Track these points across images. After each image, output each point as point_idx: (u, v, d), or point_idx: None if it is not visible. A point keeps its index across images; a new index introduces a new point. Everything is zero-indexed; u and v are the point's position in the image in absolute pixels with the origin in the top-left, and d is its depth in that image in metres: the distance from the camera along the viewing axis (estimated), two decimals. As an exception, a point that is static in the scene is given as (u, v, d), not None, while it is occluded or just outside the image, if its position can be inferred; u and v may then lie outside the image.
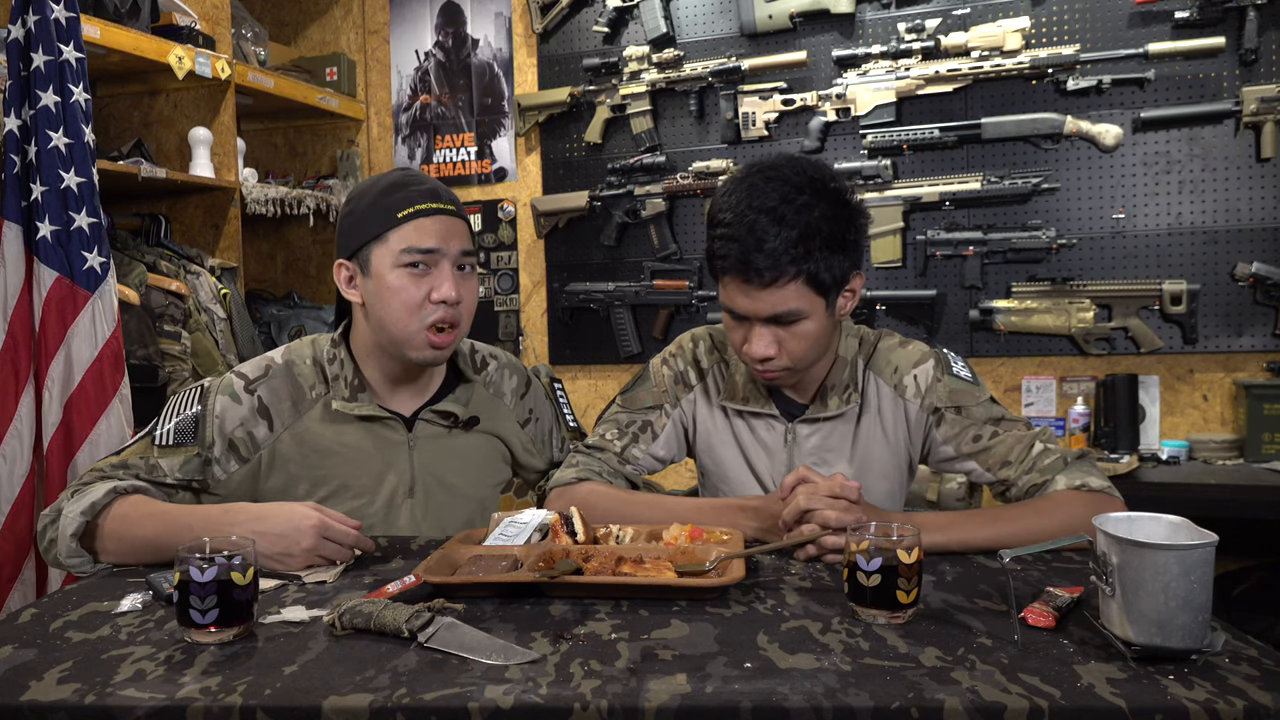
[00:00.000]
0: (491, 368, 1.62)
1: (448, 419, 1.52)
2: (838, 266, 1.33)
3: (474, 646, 0.93)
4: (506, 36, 3.48)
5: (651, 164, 3.22)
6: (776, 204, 1.30)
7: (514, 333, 3.50)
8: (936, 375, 1.47)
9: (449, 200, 1.44)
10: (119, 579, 1.25)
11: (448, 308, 1.40)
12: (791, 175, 1.33)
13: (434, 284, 1.40)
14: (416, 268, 1.39)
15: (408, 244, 1.39)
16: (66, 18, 2.17)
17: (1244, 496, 2.39)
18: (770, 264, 1.29)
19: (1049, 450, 1.37)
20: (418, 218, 1.40)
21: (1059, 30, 2.87)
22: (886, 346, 1.52)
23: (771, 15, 3.09)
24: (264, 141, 3.75)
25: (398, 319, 1.40)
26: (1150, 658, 0.88)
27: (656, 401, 1.55)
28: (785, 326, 1.35)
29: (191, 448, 1.42)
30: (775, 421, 1.51)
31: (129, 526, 1.30)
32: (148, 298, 2.55)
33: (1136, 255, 2.85)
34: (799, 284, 1.31)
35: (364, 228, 1.42)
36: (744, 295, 1.34)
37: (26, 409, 2.14)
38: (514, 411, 1.62)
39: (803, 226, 1.29)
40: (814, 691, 0.82)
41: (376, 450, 1.48)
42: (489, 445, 1.58)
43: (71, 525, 1.29)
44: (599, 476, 1.47)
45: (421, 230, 1.40)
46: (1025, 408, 2.96)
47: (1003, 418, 1.43)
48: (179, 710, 0.84)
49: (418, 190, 1.42)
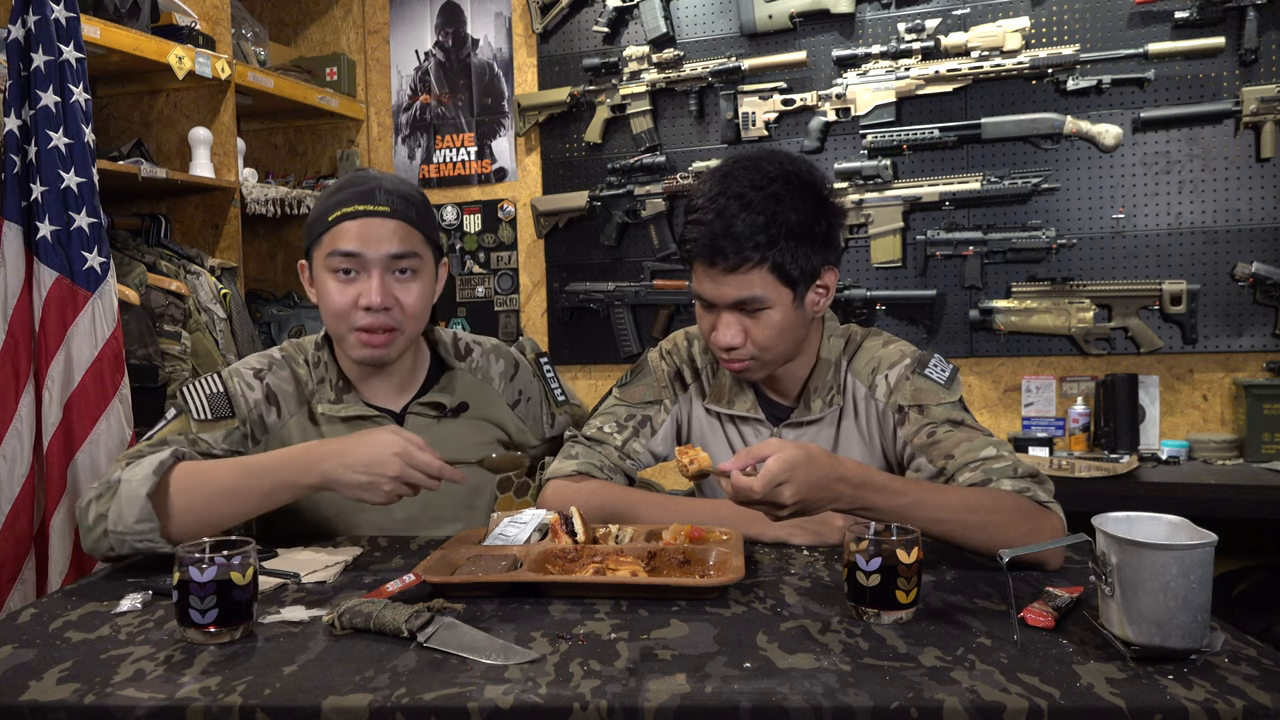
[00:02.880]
0: (476, 353, 1.62)
1: (436, 409, 1.53)
2: (805, 259, 1.33)
3: (474, 646, 0.93)
4: (506, 36, 3.48)
5: (651, 164, 3.22)
6: (746, 190, 1.31)
7: (514, 333, 3.50)
8: (905, 374, 1.42)
9: (386, 200, 1.40)
10: (119, 579, 1.25)
11: (375, 314, 1.38)
12: (767, 166, 1.34)
13: (362, 289, 1.39)
14: (346, 273, 1.39)
15: (333, 247, 1.39)
16: (66, 18, 2.17)
17: (1244, 496, 2.39)
18: (734, 248, 1.30)
19: (1002, 457, 1.29)
20: (344, 220, 1.39)
21: (1059, 30, 2.87)
22: (870, 346, 1.49)
23: (771, 15, 3.09)
24: (264, 141, 3.75)
25: (330, 323, 1.43)
26: (1149, 658, 0.88)
27: (656, 396, 1.54)
28: (750, 315, 1.34)
29: (232, 420, 1.43)
30: (761, 425, 1.50)
31: (203, 477, 1.27)
32: (148, 298, 2.55)
33: (1136, 255, 2.85)
34: (764, 271, 1.31)
35: (309, 230, 1.45)
36: (710, 280, 1.34)
37: (26, 409, 2.14)
38: (503, 395, 1.61)
39: (769, 213, 1.30)
40: (813, 691, 0.82)
41: None
42: (481, 431, 1.57)
43: (144, 485, 1.21)
44: (599, 471, 1.46)
45: (345, 234, 1.39)
46: (1025, 407, 2.96)
47: (963, 423, 1.37)
48: (179, 710, 0.84)
49: (353, 191, 1.41)
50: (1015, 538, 1.16)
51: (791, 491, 1.09)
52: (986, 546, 1.18)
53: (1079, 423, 2.83)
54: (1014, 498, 1.23)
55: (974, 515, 1.19)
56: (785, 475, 1.09)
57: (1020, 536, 1.17)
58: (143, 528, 1.22)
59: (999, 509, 1.20)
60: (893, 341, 1.49)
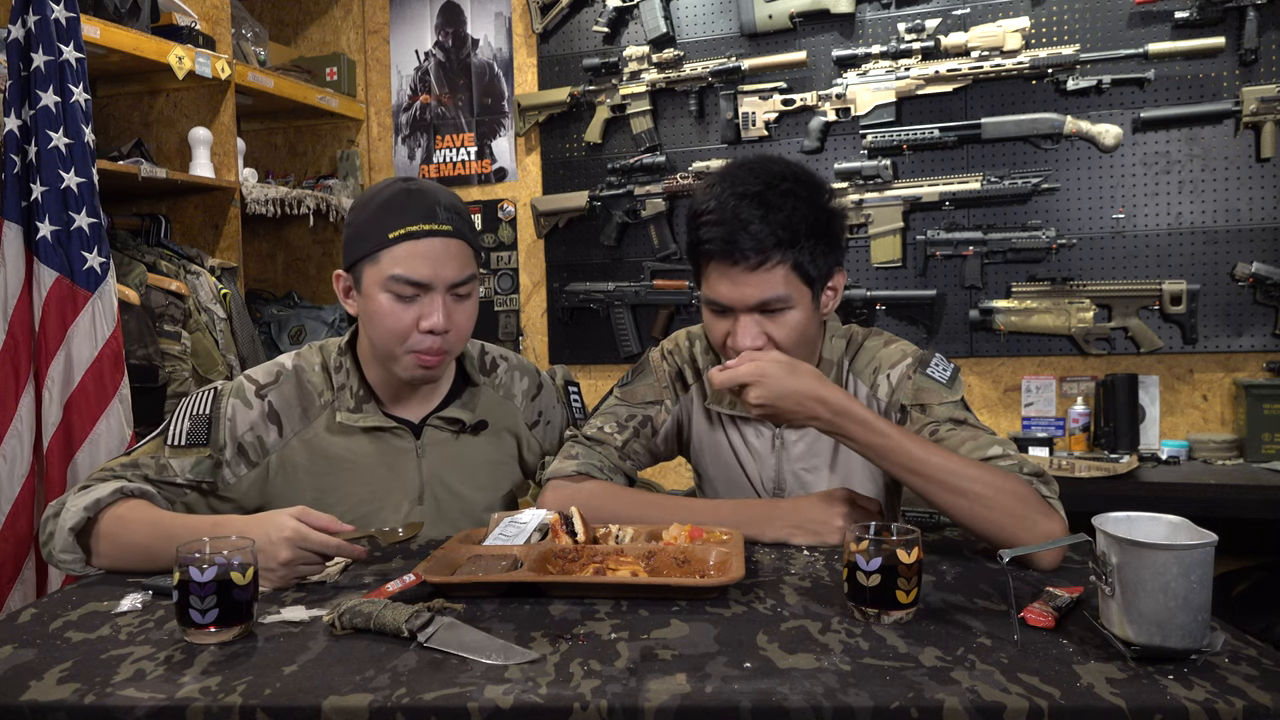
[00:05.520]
0: (501, 369, 1.59)
1: (455, 425, 1.50)
2: (822, 258, 1.33)
3: (474, 646, 0.93)
4: (506, 36, 3.48)
5: (651, 164, 3.22)
6: (761, 189, 1.31)
7: (514, 333, 3.50)
8: (907, 373, 1.42)
9: (447, 218, 1.36)
10: (119, 579, 1.25)
11: (435, 337, 1.36)
12: (772, 166, 1.35)
13: (423, 311, 1.35)
14: (405, 297, 1.35)
15: (396, 270, 1.33)
16: (66, 18, 2.17)
17: (1244, 496, 2.39)
18: (756, 246, 1.29)
19: (1008, 456, 1.27)
20: (409, 240, 1.33)
21: (1059, 30, 2.87)
22: (871, 346, 1.48)
23: (771, 15, 3.09)
24: (264, 141, 3.75)
25: (384, 342, 1.38)
26: (1150, 657, 0.88)
27: (657, 396, 1.53)
28: (771, 316, 1.33)
29: (204, 449, 1.40)
30: (763, 427, 1.50)
31: (125, 529, 1.29)
32: (148, 298, 2.55)
33: (1136, 255, 2.85)
34: (786, 270, 1.31)
35: (358, 243, 1.37)
36: (729, 282, 1.32)
37: (26, 409, 2.14)
38: (523, 413, 1.59)
39: (789, 210, 1.30)
40: (814, 691, 0.82)
41: (384, 459, 1.46)
42: (501, 449, 1.56)
43: (72, 519, 1.28)
44: (599, 471, 1.45)
45: (413, 256, 1.33)
46: (1025, 407, 2.96)
47: (965, 421, 1.36)
48: (179, 710, 0.84)
49: (415, 209, 1.35)
50: (1001, 518, 1.16)
51: (758, 394, 1.22)
52: (966, 517, 1.18)
53: (1079, 423, 2.83)
54: (1014, 479, 1.20)
55: (955, 480, 1.18)
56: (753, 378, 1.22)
57: (1008, 519, 1.16)
58: (67, 558, 1.29)
59: (991, 484, 1.18)
60: (894, 341, 1.49)
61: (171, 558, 1.01)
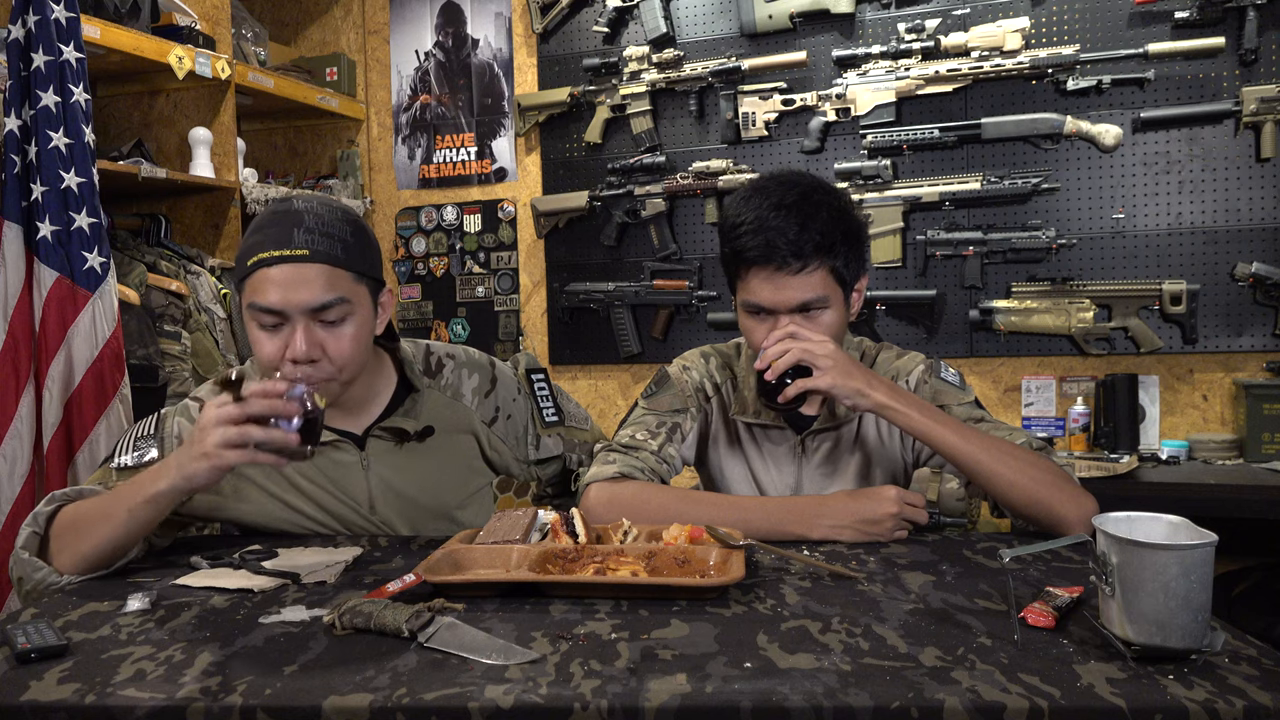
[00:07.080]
0: (448, 369, 1.55)
1: (397, 435, 1.46)
2: (854, 263, 1.43)
3: (474, 646, 0.93)
4: (506, 36, 3.48)
5: (651, 164, 3.22)
6: (796, 200, 1.39)
7: (514, 333, 3.50)
8: (924, 377, 1.52)
9: (305, 241, 1.28)
10: (120, 579, 1.25)
11: (301, 366, 1.29)
12: (799, 180, 1.44)
13: (287, 340, 1.30)
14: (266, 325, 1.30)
15: (253, 299, 1.29)
16: (66, 18, 2.17)
17: (1244, 496, 2.39)
18: (796, 251, 1.36)
19: (1031, 446, 1.39)
20: (262, 267, 1.28)
21: (1059, 30, 2.87)
22: (885, 358, 1.58)
23: (771, 15, 3.09)
24: (264, 141, 3.75)
25: (263, 371, 1.35)
26: (1150, 657, 0.88)
27: (683, 405, 1.56)
28: (810, 316, 1.40)
29: None
30: (785, 434, 1.53)
31: (77, 514, 1.27)
32: (148, 298, 2.55)
33: (1136, 255, 2.85)
34: (824, 273, 1.39)
35: (235, 267, 1.36)
36: (771, 285, 1.39)
37: (26, 409, 2.14)
38: (477, 411, 1.55)
39: (825, 218, 1.38)
40: (814, 691, 0.82)
41: (328, 473, 1.44)
42: (455, 452, 1.52)
43: (20, 538, 1.27)
44: (640, 473, 1.45)
45: (265, 283, 1.28)
46: (1025, 407, 2.96)
47: (984, 419, 1.46)
48: (179, 710, 0.84)
49: (271, 234, 1.29)
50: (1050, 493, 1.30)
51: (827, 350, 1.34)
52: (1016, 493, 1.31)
53: (1079, 423, 2.83)
54: (1051, 463, 1.34)
55: (1007, 457, 1.31)
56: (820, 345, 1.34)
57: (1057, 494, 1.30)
58: (39, 575, 1.25)
59: (1034, 463, 1.32)
60: (905, 353, 1.58)
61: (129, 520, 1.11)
